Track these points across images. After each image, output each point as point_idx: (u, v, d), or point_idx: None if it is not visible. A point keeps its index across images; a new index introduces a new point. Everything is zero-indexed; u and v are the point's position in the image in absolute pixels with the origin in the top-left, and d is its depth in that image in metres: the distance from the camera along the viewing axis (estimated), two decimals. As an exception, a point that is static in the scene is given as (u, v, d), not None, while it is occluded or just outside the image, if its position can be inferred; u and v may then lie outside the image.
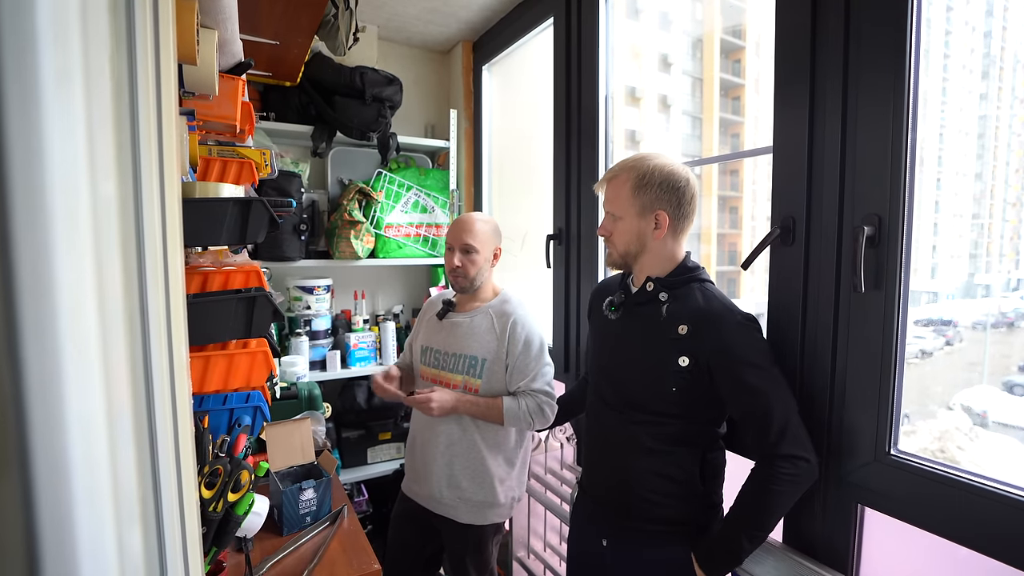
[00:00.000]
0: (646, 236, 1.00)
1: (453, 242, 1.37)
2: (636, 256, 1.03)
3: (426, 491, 1.36)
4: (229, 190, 0.91)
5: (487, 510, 1.33)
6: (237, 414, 1.07)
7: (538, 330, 1.36)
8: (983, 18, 1.22)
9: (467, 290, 1.39)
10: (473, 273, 1.36)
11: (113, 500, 0.34)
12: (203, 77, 0.89)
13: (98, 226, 0.33)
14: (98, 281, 0.32)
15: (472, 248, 1.35)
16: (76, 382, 0.30)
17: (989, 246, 1.19)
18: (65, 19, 0.30)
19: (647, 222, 0.99)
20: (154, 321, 0.65)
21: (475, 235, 1.35)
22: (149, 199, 0.65)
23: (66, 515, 0.29)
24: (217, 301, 0.91)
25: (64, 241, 0.30)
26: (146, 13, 0.61)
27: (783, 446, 0.88)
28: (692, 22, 2.97)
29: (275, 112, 1.99)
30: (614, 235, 1.04)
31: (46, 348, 0.28)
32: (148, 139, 0.64)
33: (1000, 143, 1.17)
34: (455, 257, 1.36)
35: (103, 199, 0.35)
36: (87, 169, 0.32)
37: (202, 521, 0.89)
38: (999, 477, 0.78)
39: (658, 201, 0.98)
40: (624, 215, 1.01)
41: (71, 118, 0.30)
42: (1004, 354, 1.16)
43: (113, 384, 0.38)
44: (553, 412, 1.30)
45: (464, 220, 1.39)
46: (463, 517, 1.32)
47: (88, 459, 0.31)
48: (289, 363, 1.90)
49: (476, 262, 1.35)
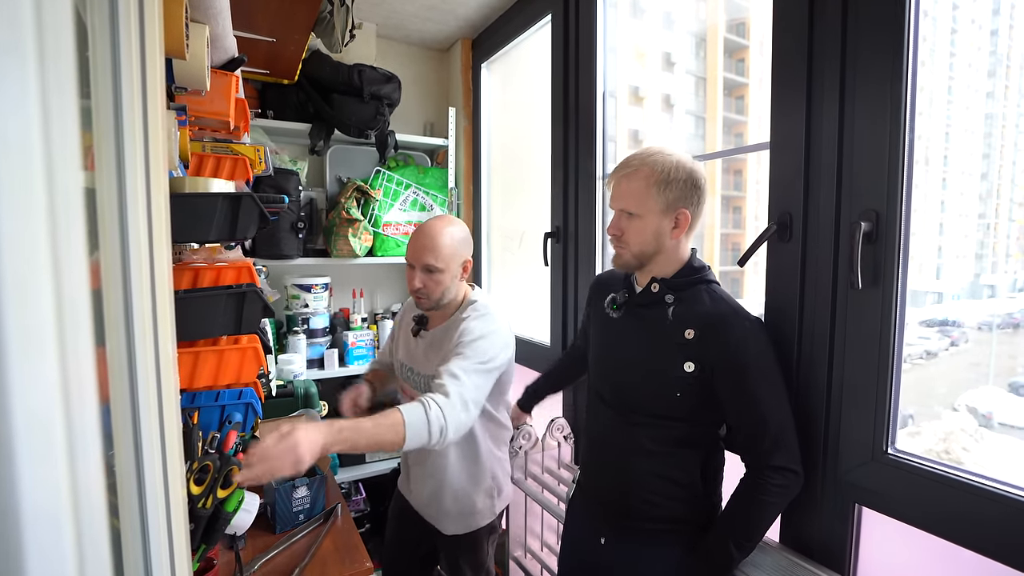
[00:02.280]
0: (664, 236, 0.95)
1: (413, 260, 1.20)
2: (652, 257, 0.97)
3: (414, 500, 1.36)
4: (219, 185, 0.90)
5: (470, 518, 1.30)
6: (228, 411, 1.06)
7: (493, 331, 1.18)
8: (990, 16, 1.20)
9: (433, 309, 1.27)
10: (438, 294, 1.21)
11: (71, 497, 0.33)
12: (193, 72, 0.89)
13: (55, 216, 0.32)
14: (55, 273, 0.31)
15: (435, 268, 1.18)
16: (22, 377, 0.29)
17: (995, 246, 1.17)
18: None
19: (668, 221, 0.94)
20: (139, 316, 0.64)
21: (437, 252, 1.17)
22: (134, 192, 0.64)
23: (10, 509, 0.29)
24: (206, 296, 0.90)
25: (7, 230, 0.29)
26: (130, 5, 0.60)
27: (775, 457, 0.88)
28: (695, 21, 2.95)
29: (273, 110, 1.99)
30: (627, 234, 0.96)
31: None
32: (133, 132, 0.64)
33: (1007, 142, 1.15)
34: (416, 277, 1.20)
35: (63, 189, 0.34)
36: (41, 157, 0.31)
37: (191, 517, 0.89)
38: (1003, 478, 0.77)
39: (682, 199, 0.93)
40: (644, 213, 0.94)
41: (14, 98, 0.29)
42: (1010, 355, 1.14)
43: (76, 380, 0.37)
44: (465, 419, 1.06)
45: (425, 233, 1.20)
46: (448, 528, 1.31)
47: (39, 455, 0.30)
48: (286, 361, 1.90)
49: (441, 282, 1.20)
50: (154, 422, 0.63)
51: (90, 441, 0.39)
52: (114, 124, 0.59)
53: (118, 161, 0.59)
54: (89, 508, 0.38)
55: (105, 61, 0.58)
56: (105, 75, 0.58)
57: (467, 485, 1.29)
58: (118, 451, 0.60)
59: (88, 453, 0.40)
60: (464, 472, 1.29)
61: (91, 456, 0.40)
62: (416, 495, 1.35)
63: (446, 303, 1.26)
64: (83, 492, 0.38)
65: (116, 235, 0.60)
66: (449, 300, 1.25)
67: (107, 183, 0.58)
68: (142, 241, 0.62)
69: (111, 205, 0.59)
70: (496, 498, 1.34)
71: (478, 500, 1.30)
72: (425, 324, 1.32)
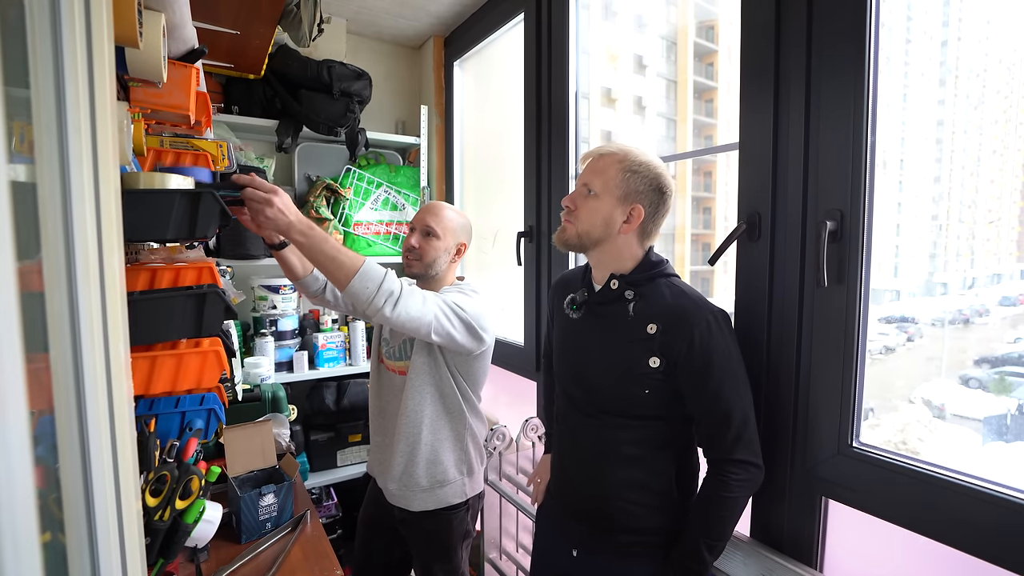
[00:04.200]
0: (614, 225, 0.94)
1: (415, 223, 1.31)
2: (595, 242, 0.96)
3: (385, 474, 1.32)
4: (176, 181, 0.86)
5: (440, 490, 1.27)
6: (189, 417, 1.02)
7: (475, 302, 1.20)
8: (940, 28, 1.26)
9: (421, 276, 1.31)
10: (429, 257, 1.28)
11: None
12: (148, 62, 0.84)
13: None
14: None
15: (433, 231, 1.28)
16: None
17: (947, 246, 1.23)
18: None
19: (621, 211, 0.94)
20: (86, 319, 0.60)
21: (439, 219, 1.29)
22: (79, 188, 0.60)
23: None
24: (163, 298, 0.86)
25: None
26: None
27: (738, 451, 0.88)
28: (666, 24, 3.00)
29: (238, 105, 1.92)
30: (580, 210, 0.96)
31: None
32: (78, 123, 0.60)
33: (956, 147, 1.21)
34: (413, 237, 1.29)
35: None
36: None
37: (147, 531, 0.84)
38: (955, 467, 0.80)
39: (642, 194, 0.93)
40: (604, 193, 0.94)
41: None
42: (961, 349, 1.20)
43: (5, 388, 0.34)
44: (417, 311, 1.06)
45: (433, 204, 1.34)
46: (416, 505, 1.27)
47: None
48: (253, 364, 1.84)
49: (435, 247, 1.28)
50: (104, 431, 0.59)
51: (15, 454, 0.36)
52: (57, 114, 0.55)
53: (61, 154, 0.56)
54: (12, 526, 0.35)
55: (46, 47, 0.54)
56: (46, 61, 0.54)
57: (441, 444, 1.28)
58: (63, 463, 0.56)
59: (13, 467, 0.37)
60: (441, 428, 1.28)
61: (16, 470, 0.37)
62: (386, 466, 1.31)
63: (433, 275, 1.31)
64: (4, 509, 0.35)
65: (60, 233, 0.56)
66: (436, 273, 1.31)
67: (49, 177, 0.55)
68: (90, 240, 0.58)
69: (53, 201, 0.55)
70: (467, 477, 1.31)
71: (450, 468, 1.28)
72: None
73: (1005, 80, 1.04)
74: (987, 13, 1.10)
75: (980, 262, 1.11)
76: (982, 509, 0.74)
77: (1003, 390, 0.93)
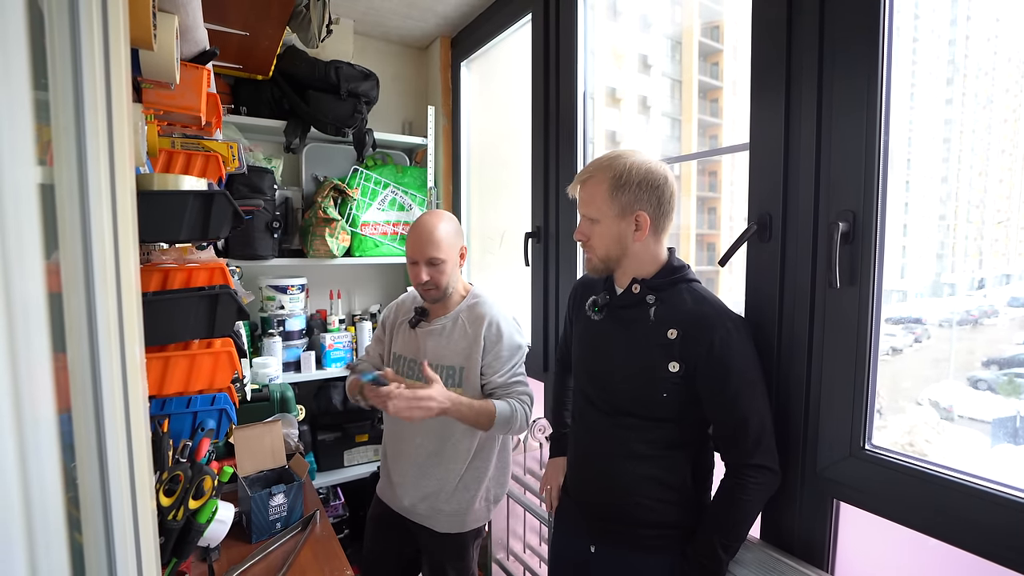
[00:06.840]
0: (626, 239, 0.95)
1: (416, 256, 1.25)
2: (618, 260, 0.98)
3: (398, 503, 1.34)
4: (190, 183, 0.86)
5: (465, 517, 1.30)
6: (201, 417, 1.02)
7: (513, 326, 1.31)
8: (948, 26, 1.25)
9: (439, 300, 1.31)
10: (444, 284, 1.27)
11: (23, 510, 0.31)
12: (162, 64, 0.85)
13: (3, 214, 0.30)
14: (4, 275, 0.29)
15: (438, 260, 1.24)
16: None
17: (955, 246, 1.22)
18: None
19: (627, 224, 0.94)
20: (103, 320, 0.61)
21: (438, 245, 1.24)
22: (97, 189, 0.60)
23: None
24: (177, 299, 0.86)
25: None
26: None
27: (756, 456, 0.89)
28: (671, 24, 3.00)
29: (247, 106, 1.93)
30: (592, 239, 0.97)
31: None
32: (96, 125, 0.60)
33: (964, 147, 1.20)
34: (422, 272, 1.25)
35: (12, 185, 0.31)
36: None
37: (161, 530, 0.85)
38: (964, 468, 0.80)
39: (638, 202, 0.92)
40: (602, 218, 0.95)
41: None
42: (969, 350, 1.19)
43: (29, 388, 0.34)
44: (531, 416, 1.27)
45: (422, 229, 1.26)
46: (441, 527, 1.30)
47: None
48: (261, 364, 1.85)
49: (445, 271, 1.26)
50: (120, 431, 0.60)
51: (45, 453, 0.37)
52: (75, 117, 0.56)
53: (80, 156, 0.56)
54: (44, 524, 0.35)
55: (64, 50, 0.54)
56: (65, 65, 0.55)
57: (473, 482, 1.30)
58: (81, 462, 0.56)
59: (43, 465, 0.37)
60: (476, 467, 1.31)
61: (47, 469, 0.38)
62: (402, 499, 1.32)
63: (451, 293, 1.32)
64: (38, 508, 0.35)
65: (78, 234, 0.56)
66: (452, 290, 1.32)
67: (67, 179, 0.55)
68: (106, 240, 0.59)
69: (72, 202, 0.56)
70: (492, 503, 1.35)
71: (477, 501, 1.31)
72: (426, 316, 1.35)
73: (1014, 78, 1.04)
74: (996, 11, 1.10)
75: (989, 262, 1.10)
76: (993, 511, 0.74)
77: (1012, 392, 0.92)
